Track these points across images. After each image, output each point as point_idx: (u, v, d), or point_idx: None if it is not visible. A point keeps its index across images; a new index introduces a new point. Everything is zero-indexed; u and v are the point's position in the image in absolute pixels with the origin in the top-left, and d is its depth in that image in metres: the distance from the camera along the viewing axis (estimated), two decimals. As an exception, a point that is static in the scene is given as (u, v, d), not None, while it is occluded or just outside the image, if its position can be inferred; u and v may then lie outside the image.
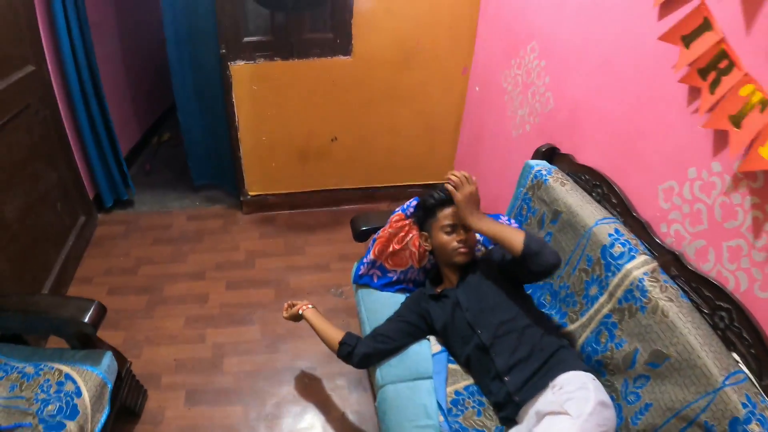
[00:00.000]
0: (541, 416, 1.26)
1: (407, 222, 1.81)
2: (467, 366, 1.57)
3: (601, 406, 1.25)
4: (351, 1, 2.34)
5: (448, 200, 1.66)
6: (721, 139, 1.24)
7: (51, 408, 1.43)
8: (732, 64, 1.16)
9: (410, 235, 1.80)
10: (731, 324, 1.22)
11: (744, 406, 1.07)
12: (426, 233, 1.74)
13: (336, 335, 1.69)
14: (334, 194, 2.99)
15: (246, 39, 2.40)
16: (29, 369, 1.54)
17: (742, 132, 1.13)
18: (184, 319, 2.34)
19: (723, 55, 1.18)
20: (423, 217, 1.74)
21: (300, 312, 1.83)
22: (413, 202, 1.81)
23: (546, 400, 1.31)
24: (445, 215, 1.66)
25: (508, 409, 1.40)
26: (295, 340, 2.24)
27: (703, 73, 1.24)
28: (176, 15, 2.47)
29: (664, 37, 1.32)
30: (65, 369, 1.53)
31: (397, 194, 2.94)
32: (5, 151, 2.02)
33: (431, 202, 1.69)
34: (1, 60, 2.02)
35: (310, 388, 2.04)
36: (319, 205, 3.02)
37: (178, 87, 2.73)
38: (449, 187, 1.59)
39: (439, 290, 1.71)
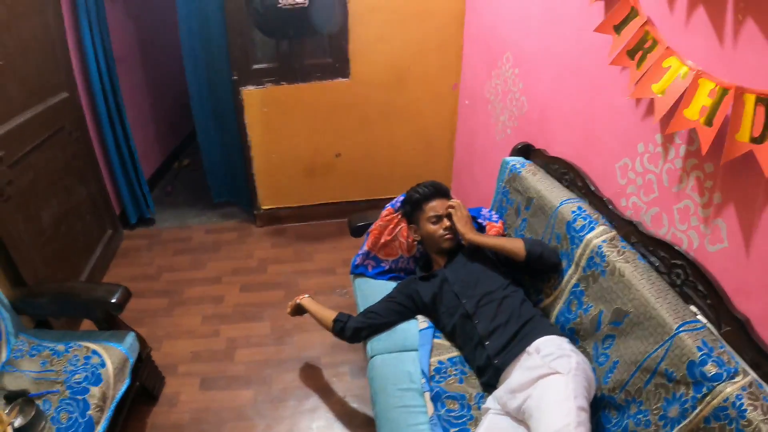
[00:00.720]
0: (533, 381, 1.29)
1: (396, 215, 1.93)
2: (452, 337, 1.65)
3: (583, 363, 1.34)
4: (346, 29, 2.54)
5: (431, 194, 1.81)
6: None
7: (78, 377, 1.56)
8: (655, 42, 1.28)
9: (399, 227, 1.92)
10: (687, 279, 1.28)
11: (699, 349, 1.10)
12: (414, 225, 1.86)
13: (330, 315, 1.80)
14: (340, 206, 3.12)
15: (255, 66, 2.60)
16: (60, 347, 1.68)
17: (665, 97, 1.24)
18: (201, 317, 2.46)
19: (647, 35, 1.30)
20: (411, 211, 1.87)
21: (298, 302, 1.96)
22: (401, 197, 1.94)
23: (529, 364, 1.36)
24: (431, 207, 1.80)
25: (489, 374, 1.47)
26: (302, 334, 2.34)
27: (631, 54, 1.35)
28: (194, 47, 2.70)
29: (600, 29, 1.45)
30: (92, 346, 1.68)
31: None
32: (44, 164, 2.22)
33: (417, 197, 1.83)
34: (42, 86, 2.25)
35: (314, 375, 2.12)
36: (326, 217, 3.16)
37: (197, 112, 2.93)
38: (451, 210, 1.76)
39: (429, 272, 1.82)
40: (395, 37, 2.61)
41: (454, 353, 1.64)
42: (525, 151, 2.04)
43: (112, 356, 1.65)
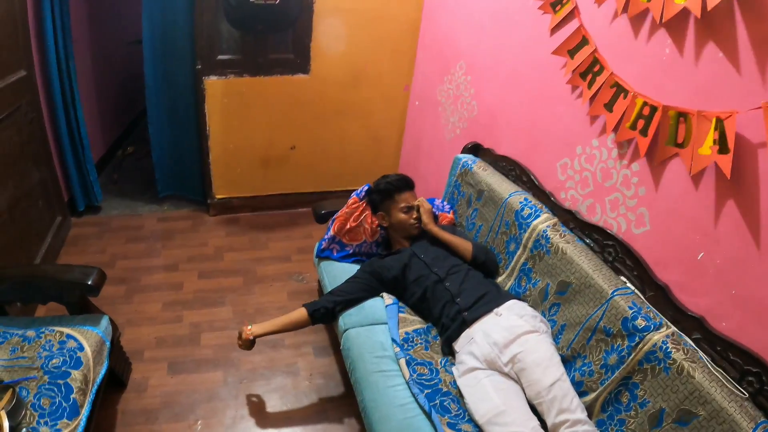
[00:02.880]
0: (517, 336, 1.47)
1: (361, 204, 2.04)
2: (418, 307, 1.78)
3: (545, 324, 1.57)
4: (311, 27, 2.59)
5: (403, 186, 1.97)
6: (595, 122, 1.58)
7: (56, 361, 1.48)
8: (602, 68, 1.51)
9: (363, 214, 2.03)
10: (617, 256, 1.53)
11: (630, 308, 1.34)
12: (383, 213, 1.99)
13: (296, 314, 1.79)
14: (292, 198, 3.16)
15: (219, 57, 2.58)
16: (30, 333, 1.57)
17: (613, 114, 1.47)
18: (162, 303, 2.40)
19: (596, 61, 1.53)
20: (380, 200, 2.00)
21: (249, 336, 1.77)
22: (365, 188, 2.06)
23: (508, 323, 1.52)
24: (403, 198, 1.96)
25: (453, 328, 1.61)
26: (264, 317, 2.28)
27: (583, 75, 1.58)
28: (154, 34, 2.60)
29: (556, 52, 1.66)
30: (66, 330, 1.59)
31: (347, 197, 3.15)
32: (0, 145, 2.07)
33: (389, 187, 1.97)
34: (1, 63, 2.08)
35: (281, 356, 2.16)
36: (278, 208, 3.18)
37: (152, 102, 2.83)
38: (418, 203, 1.95)
39: (393, 250, 1.97)
40: (354, 38, 2.71)
41: (418, 325, 1.78)
42: (474, 149, 2.23)
43: (89, 340, 1.58)
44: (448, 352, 1.66)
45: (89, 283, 1.61)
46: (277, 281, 2.61)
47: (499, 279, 1.84)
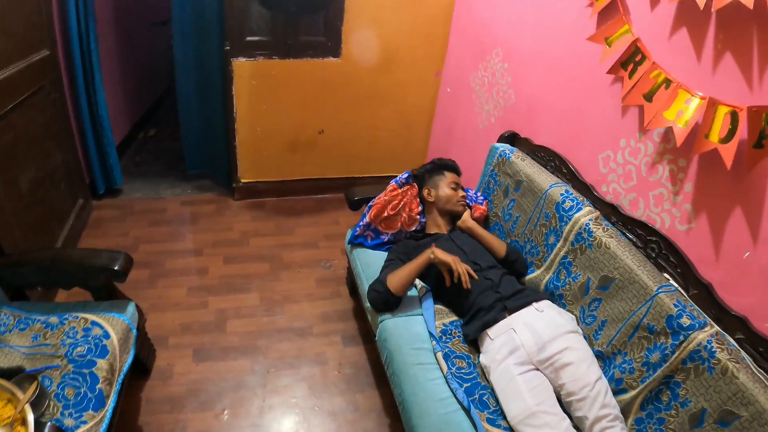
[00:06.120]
0: (561, 335, 1.54)
1: (400, 191, 2.09)
2: (453, 295, 1.82)
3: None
4: (342, 9, 2.64)
5: (453, 167, 2.15)
6: (641, 115, 1.60)
7: (80, 350, 1.46)
8: (644, 57, 1.53)
9: (402, 202, 2.09)
10: (660, 252, 1.56)
11: (675, 306, 1.37)
12: (429, 188, 2.09)
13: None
14: (319, 183, 3.23)
15: (248, 38, 2.63)
16: (53, 319, 1.56)
17: (653, 105, 1.49)
18: (186, 288, 2.47)
19: (638, 51, 1.55)
20: (431, 171, 2.13)
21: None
22: (404, 174, 2.11)
23: (554, 321, 1.58)
24: (452, 176, 2.11)
25: (493, 313, 1.66)
26: (291, 304, 2.44)
27: (624, 65, 1.61)
28: (184, 13, 2.67)
29: (592, 38, 1.69)
30: (91, 317, 1.58)
31: (377, 183, 3.17)
32: (24, 125, 2.14)
33: (442, 163, 2.13)
34: (24, 42, 2.14)
35: (308, 345, 2.22)
36: (305, 193, 3.25)
37: (181, 79, 2.90)
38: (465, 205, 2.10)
39: (428, 233, 2.06)
40: (386, 21, 2.74)
41: (454, 317, 1.84)
42: (511, 138, 2.26)
43: (115, 327, 1.57)
44: (472, 340, 1.71)
45: (116, 268, 1.61)
46: (305, 268, 2.67)
47: (537, 272, 1.89)
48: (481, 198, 2.21)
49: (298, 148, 3.06)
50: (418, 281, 1.92)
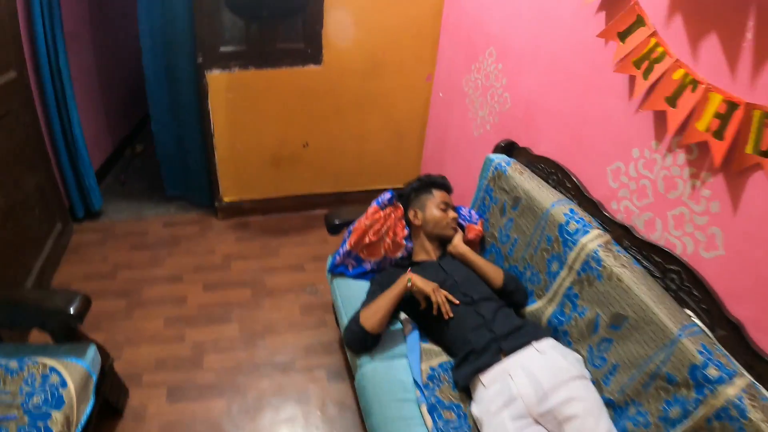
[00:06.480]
0: (564, 382, 1.31)
1: (382, 214, 1.85)
2: (438, 326, 1.58)
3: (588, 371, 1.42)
4: (321, 12, 2.41)
5: (442, 184, 1.88)
6: (658, 120, 1.34)
7: (36, 399, 1.38)
8: (664, 54, 1.27)
9: (385, 227, 1.84)
10: (682, 284, 1.31)
11: (700, 353, 1.12)
12: (416, 209, 1.85)
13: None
14: (307, 199, 3.00)
15: (222, 49, 2.42)
16: (13, 364, 1.47)
17: (677, 111, 1.24)
18: (164, 320, 2.29)
19: (656, 46, 1.29)
20: (416, 194, 1.87)
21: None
22: (387, 195, 1.87)
23: (556, 365, 1.36)
24: (441, 195, 1.85)
25: (487, 356, 1.42)
26: (273, 336, 2.23)
27: (637, 63, 1.35)
28: (153, 26, 2.47)
29: (602, 34, 1.43)
30: (50, 362, 1.48)
31: (367, 198, 2.90)
32: (-9, 152, 1.98)
33: (429, 180, 1.88)
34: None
35: (290, 381, 2.03)
36: (292, 210, 3.03)
37: (153, 98, 2.71)
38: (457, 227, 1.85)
39: (415, 260, 1.82)
40: (371, 23, 2.51)
41: (444, 357, 1.60)
42: (508, 148, 2.01)
43: (72, 374, 1.47)
44: (463, 387, 1.47)
45: (71, 312, 1.50)
46: (289, 293, 2.46)
47: (538, 303, 1.64)
48: (476, 217, 1.96)
49: (282, 163, 2.84)
50: (402, 314, 1.68)
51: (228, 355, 2.14)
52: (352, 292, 1.84)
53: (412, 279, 1.55)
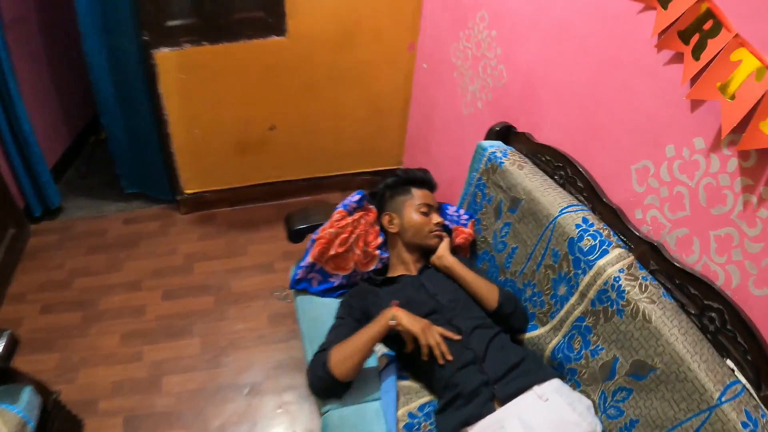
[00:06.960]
0: None
1: (350, 220, 1.51)
2: (418, 361, 1.26)
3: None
4: (280, -27, 1.99)
5: (422, 180, 1.54)
6: (705, 112, 0.99)
7: None
8: (719, 25, 0.91)
9: (354, 235, 1.51)
10: (723, 326, 1.00)
11: (744, 425, 0.86)
12: (391, 213, 1.52)
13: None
14: (277, 186, 2.65)
15: (169, 23, 2.02)
16: None
17: (735, 104, 0.88)
18: (120, 336, 2.03)
19: (708, 14, 0.93)
20: (390, 194, 1.53)
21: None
22: (355, 196, 1.53)
23: (562, 417, 1.09)
24: (423, 195, 1.51)
25: (476, 404, 1.14)
26: (238, 352, 1.97)
27: (684, 36, 0.98)
28: (92, 6, 2.08)
29: (640, -3, 1.05)
30: None
31: (346, 182, 2.63)
32: None
33: (405, 177, 1.53)
34: None
35: (257, 405, 1.78)
36: (263, 200, 2.68)
37: (99, 88, 2.33)
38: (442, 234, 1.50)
39: (391, 275, 1.50)
40: (341, -15, 2.08)
41: (425, 397, 1.31)
42: (504, 133, 1.65)
43: (7, 423, 1.27)
44: None
45: None
46: (256, 300, 2.17)
47: (540, 330, 1.33)
48: (465, 217, 1.63)
49: (248, 148, 2.47)
50: (378, 346, 1.37)
51: (188, 376, 1.88)
52: (318, 312, 1.53)
53: (396, 316, 1.22)
